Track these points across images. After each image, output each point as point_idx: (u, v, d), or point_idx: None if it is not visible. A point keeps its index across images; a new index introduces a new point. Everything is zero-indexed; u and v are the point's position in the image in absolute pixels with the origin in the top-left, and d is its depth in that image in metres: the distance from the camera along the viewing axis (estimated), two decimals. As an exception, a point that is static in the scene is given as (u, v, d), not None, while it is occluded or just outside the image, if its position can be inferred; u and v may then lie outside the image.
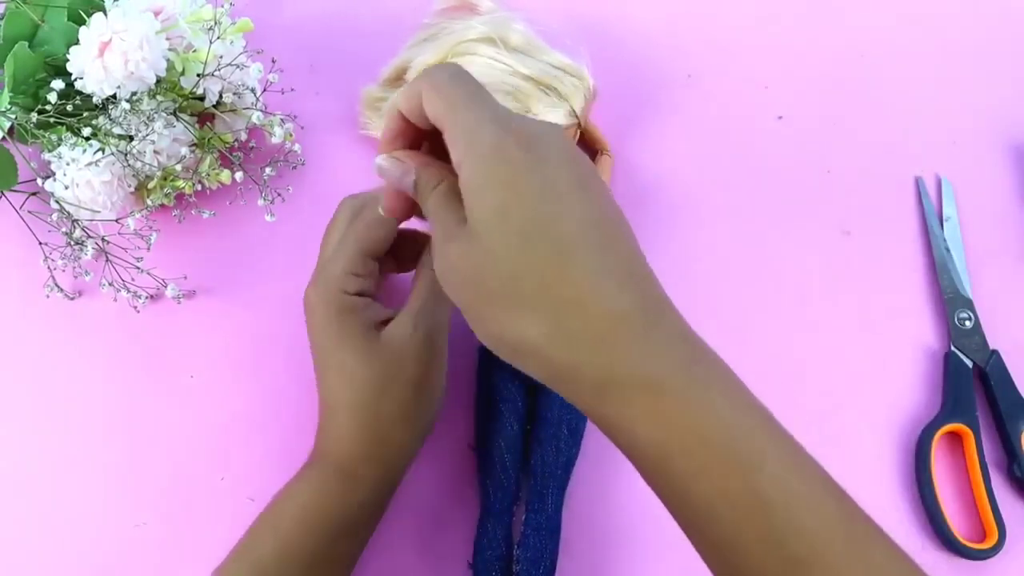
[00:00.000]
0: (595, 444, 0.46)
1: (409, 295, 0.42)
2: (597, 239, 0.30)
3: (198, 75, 0.46)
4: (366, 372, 0.39)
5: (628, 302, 0.29)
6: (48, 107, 0.43)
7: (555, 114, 0.47)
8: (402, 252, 0.44)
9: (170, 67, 0.45)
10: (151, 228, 0.46)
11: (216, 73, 0.46)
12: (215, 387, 0.47)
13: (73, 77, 0.44)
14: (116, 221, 0.46)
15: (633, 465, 0.31)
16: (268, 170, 0.47)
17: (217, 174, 0.48)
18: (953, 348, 0.49)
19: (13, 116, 0.44)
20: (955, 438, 0.48)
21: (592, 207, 0.30)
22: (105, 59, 0.43)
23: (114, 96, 0.44)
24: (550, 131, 0.32)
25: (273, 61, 0.48)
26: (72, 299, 0.48)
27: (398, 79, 0.51)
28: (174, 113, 0.46)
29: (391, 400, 0.39)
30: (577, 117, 0.48)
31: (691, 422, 0.29)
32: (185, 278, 0.48)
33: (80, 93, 0.44)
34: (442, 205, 0.33)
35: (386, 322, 0.40)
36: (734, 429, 0.29)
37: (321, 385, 0.40)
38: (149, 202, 0.47)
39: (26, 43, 0.44)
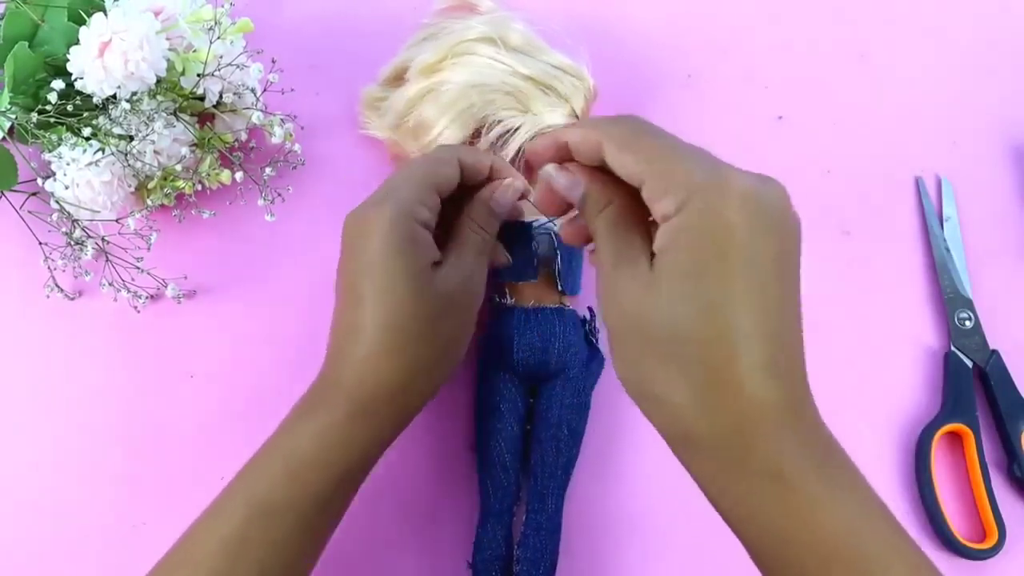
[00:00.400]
0: (595, 445, 0.46)
1: (453, 243, 0.40)
2: (772, 328, 0.30)
3: (198, 75, 0.46)
4: (422, 304, 0.37)
5: (776, 395, 0.29)
6: (48, 107, 0.43)
7: (555, 114, 0.47)
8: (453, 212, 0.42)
9: (170, 67, 0.45)
10: (151, 228, 0.46)
11: (216, 73, 0.46)
12: (215, 387, 0.47)
13: (73, 77, 0.44)
14: (116, 221, 0.46)
15: (743, 545, 0.31)
16: (268, 170, 0.47)
17: (217, 174, 0.48)
18: (953, 348, 0.49)
19: (13, 116, 0.44)
20: (955, 438, 0.48)
21: (786, 292, 0.31)
22: (105, 59, 0.43)
23: (114, 96, 0.44)
24: (774, 194, 0.31)
25: (273, 61, 0.48)
26: (72, 299, 0.48)
27: (398, 78, 0.51)
28: (174, 113, 0.46)
29: (428, 341, 0.38)
30: (577, 117, 0.48)
31: (818, 519, 0.29)
32: (185, 278, 0.48)
33: (80, 93, 0.44)
34: (611, 230, 0.33)
35: (436, 264, 0.39)
36: (861, 534, 0.29)
37: (355, 309, 0.37)
38: (149, 202, 0.47)
39: (26, 43, 0.44)
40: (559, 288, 0.46)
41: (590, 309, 0.47)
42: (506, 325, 0.45)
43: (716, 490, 0.31)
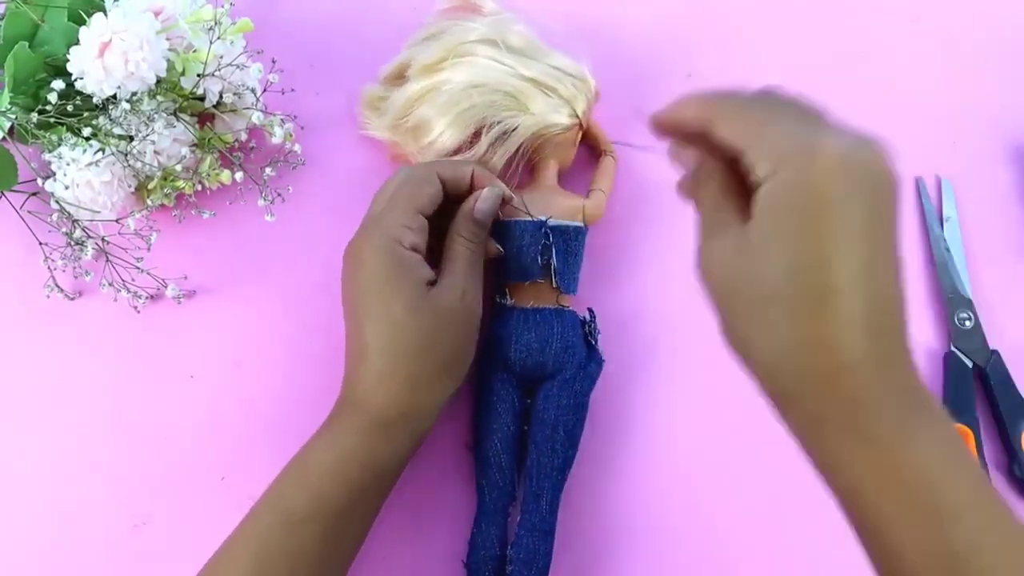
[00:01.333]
0: (592, 447, 0.46)
1: (444, 260, 0.43)
2: (866, 286, 0.30)
3: (198, 75, 0.46)
4: (417, 323, 0.40)
5: (868, 351, 0.30)
6: (48, 107, 0.43)
7: (557, 116, 0.47)
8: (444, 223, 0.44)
9: (170, 67, 0.45)
10: (151, 228, 0.46)
11: (216, 73, 0.46)
12: (215, 387, 0.47)
13: (73, 77, 0.44)
14: (116, 221, 0.46)
15: (832, 495, 0.33)
16: (268, 170, 0.47)
17: (217, 174, 0.48)
18: (953, 348, 0.49)
19: (13, 116, 0.44)
20: (955, 438, 0.48)
21: (877, 251, 0.31)
22: (105, 59, 0.43)
23: (114, 96, 0.44)
24: (866, 157, 0.32)
25: (273, 61, 0.48)
26: (72, 299, 0.48)
27: (399, 78, 0.51)
28: (174, 113, 0.47)
29: (434, 356, 0.40)
30: (579, 119, 0.48)
31: (893, 472, 0.30)
32: (185, 278, 0.48)
33: (80, 93, 0.44)
34: (714, 200, 0.34)
35: (431, 282, 0.41)
36: (935, 482, 0.30)
37: (360, 333, 0.40)
38: (149, 202, 0.47)
39: (26, 43, 0.44)
40: (554, 286, 0.46)
41: (590, 310, 0.47)
42: (504, 325, 0.45)
43: (808, 442, 0.32)
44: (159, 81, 0.45)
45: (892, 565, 0.31)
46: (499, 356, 0.45)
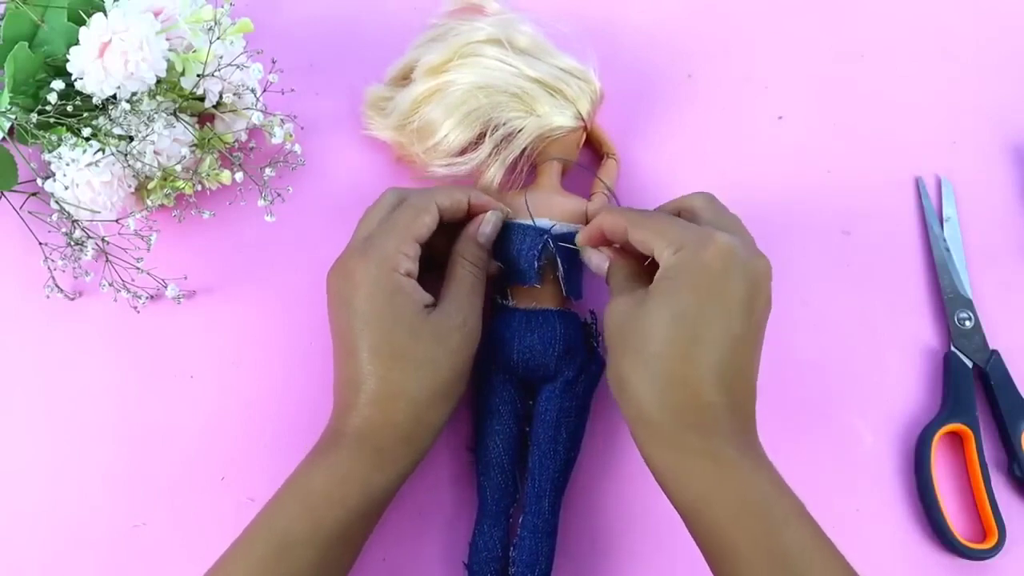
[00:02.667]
0: (593, 448, 0.46)
1: (446, 283, 0.44)
2: (729, 347, 0.37)
3: (198, 75, 0.46)
4: (419, 350, 0.40)
5: (721, 397, 0.37)
6: (48, 107, 0.43)
7: (562, 117, 0.47)
8: (435, 240, 0.44)
9: (170, 67, 0.45)
10: (151, 228, 0.46)
11: (216, 73, 0.46)
12: (215, 387, 0.47)
13: (73, 77, 0.44)
14: (116, 221, 0.46)
15: (676, 509, 0.38)
16: (268, 170, 0.47)
17: (217, 174, 0.48)
18: (953, 348, 0.49)
19: (13, 116, 0.44)
20: (955, 438, 0.48)
21: (745, 326, 0.38)
22: (105, 60, 0.43)
23: (114, 96, 0.44)
24: (751, 253, 0.39)
25: (273, 61, 0.48)
26: (72, 299, 0.48)
27: (404, 78, 0.51)
28: (174, 113, 0.46)
29: (435, 381, 0.40)
30: (583, 120, 0.48)
31: (737, 487, 0.36)
32: (185, 278, 0.49)
33: (80, 93, 0.44)
34: (625, 279, 0.42)
35: (428, 305, 0.41)
36: (770, 499, 0.36)
37: (355, 360, 0.40)
38: (149, 202, 0.47)
39: (26, 43, 0.44)
40: (564, 293, 0.46)
41: (592, 312, 0.47)
42: (506, 326, 0.45)
43: (662, 464, 0.38)
44: (159, 81, 0.45)
45: (729, 564, 0.36)
46: (501, 357, 0.45)
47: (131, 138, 0.45)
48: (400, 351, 0.40)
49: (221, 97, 0.47)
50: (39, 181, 0.46)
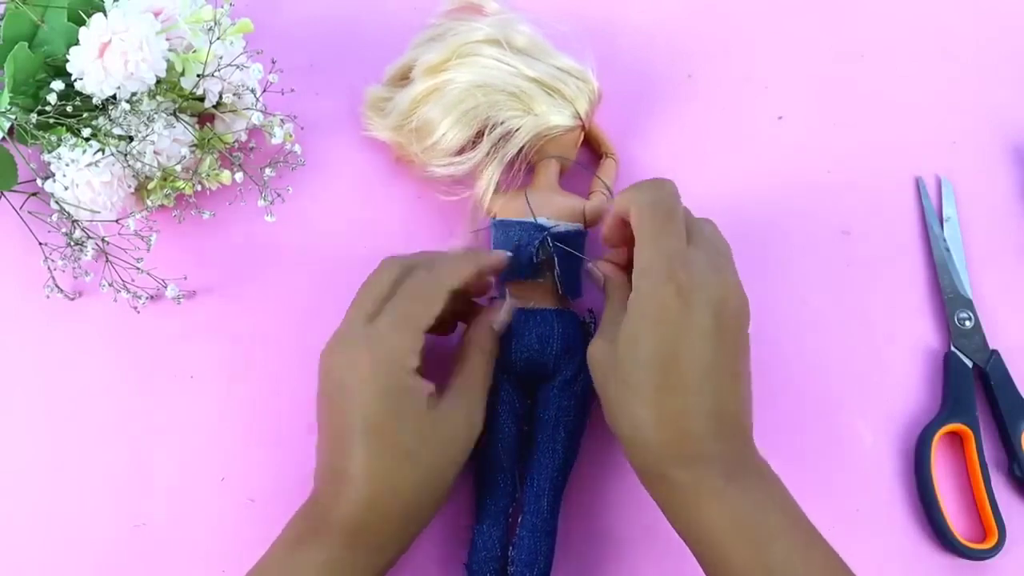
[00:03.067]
0: (593, 447, 0.46)
1: (457, 369, 0.42)
2: (711, 386, 0.38)
3: (198, 75, 0.46)
4: (420, 454, 0.38)
5: (707, 432, 0.38)
6: (48, 108, 0.43)
7: (559, 116, 0.47)
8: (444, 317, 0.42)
9: (170, 68, 0.45)
10: (151, 229, 0.46)
11: (216, 74, 0.46)
12: (215, 387, 0.47)
13: (73, 78, 0.44)
14: (116, 222, 0.46)
15: (674, 527, 0.40)
16: (268, 171, 0.47)
17: (217, 175, 0.48)
18: (953, 348, 0.49)
19: (13, 116, 0.44)
20: (955, 438, 0.48)
21: (720, 357, 0.38)
22: (105, 60, 0.43)
23: (114, 97, 0.44)
24: (712, 284, 0.38)
25: (273, 61, 0.48)
26: (72, 299, 0.48)
27: (403, 79, 0.51)
28: (174, 114, 0.47)
29: (435, 480, 0.39)
30: (581, 119, 0.48)
31: (726, 513, 0.37)
32: (185, 278, 0.49)
33: (80, 94, 0.44)
34: (615, 308, 0.41)
35: (432, 394, 0.40)
36: (759, 516, 0.37)
37: (347, 455, 0.38)
38: (149, 203, 0.47)
39: (26, 43, 0.44)
40: (560, 291, 0.46)
41: (590, 311, 0.47)
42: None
43: (654, 493, 0.40)
44: (159, 81, 0.45)
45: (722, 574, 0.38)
46: (500, 357, 0.45)
47: (131, 138, 0.45)
48: (403, 453, 0.38)
49: (221, 97, 0.47)
50: (39, 181, 0.46)
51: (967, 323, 0.50)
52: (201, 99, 0.48)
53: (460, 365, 0.42)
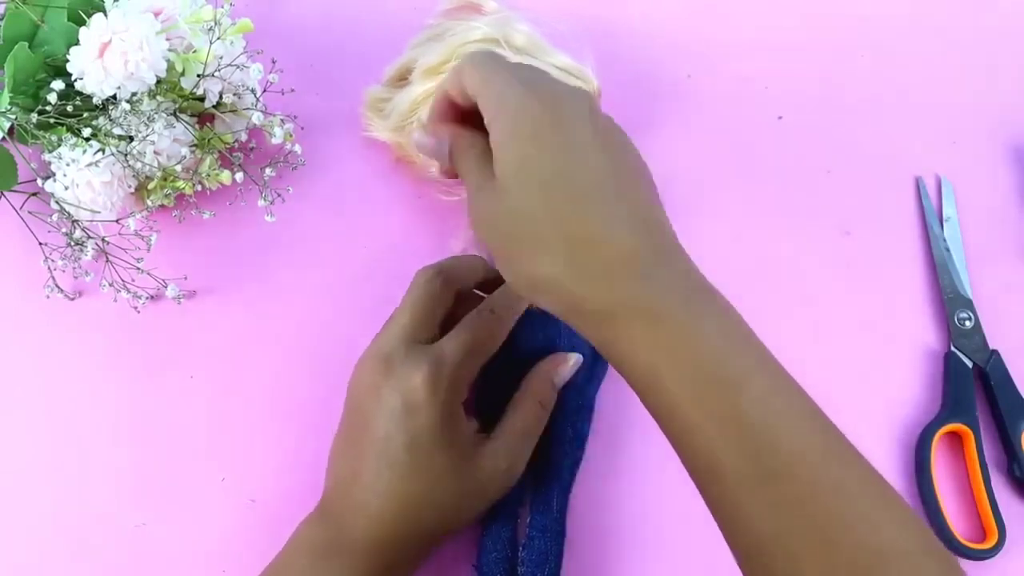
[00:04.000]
0: (601, 446, 0.46)
1: (510, 414, 0.41)
2: (612, 188, 0.33)
3: (198, 75, 0.46)
4: (456, 486, 0.38)
5: (635, 243, 0.32)
6: (48, 107, 0.43)
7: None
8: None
9: (170, 68, 0.45)
10: (151, 229, 0.46)
11: (216, 74, 0.46)
12: (215, 387, 0.47)
13: (73, 78, 0.44)
14: (116, 222, 0.46)
15: (631, 387, 0.34)
16: (268, 171, 0.47)
17: (217, 175, 0.48)
18: (953, 348, 0.49)
19: (13, 116, 0.44)
20: (955, 438, 0.48)
21: (609, 161, 0.34)
22: (105, 60, 0.43)
23: (114, 97, 0.44)
24: (573, 93, 0.35)
25: (273, 61, 0.48)
26: (72, 299, 0.48)
27: (402, 79, 0.51)
28: (174, 114, 0.47)
29: (465, 512, 0.40)
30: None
31: (683, 348, 0.31)
32: (185, 278, 0.49)
33: (80, 94, 0.44)
34: (474, 165, 0.36)
35: (478, 429, 0.40)
36: (722, 355, 0.31)
37: (373, 469, 0.37)
38: (149, 203, 0.47)
39: (26, 43, 0.44)
40: None
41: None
42: (509, 326, 0.45)
43: (607, 348, 0.34)
44: (159, 81, 0.45)
45: (688, 440, 0.32)
46: (506, 357, 0.45)
47: (131, 138, 0.45)
48: (438, 481, 0.37)
49: (221, 97, 0.47)
50: (39, 181, 0.46)
51: (967, 323, 0.50)
52: (201, 99, 0.48)
53: (514, 411, 0.42)
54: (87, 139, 0.45)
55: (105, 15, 0.43)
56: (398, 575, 0.39)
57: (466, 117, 0.38)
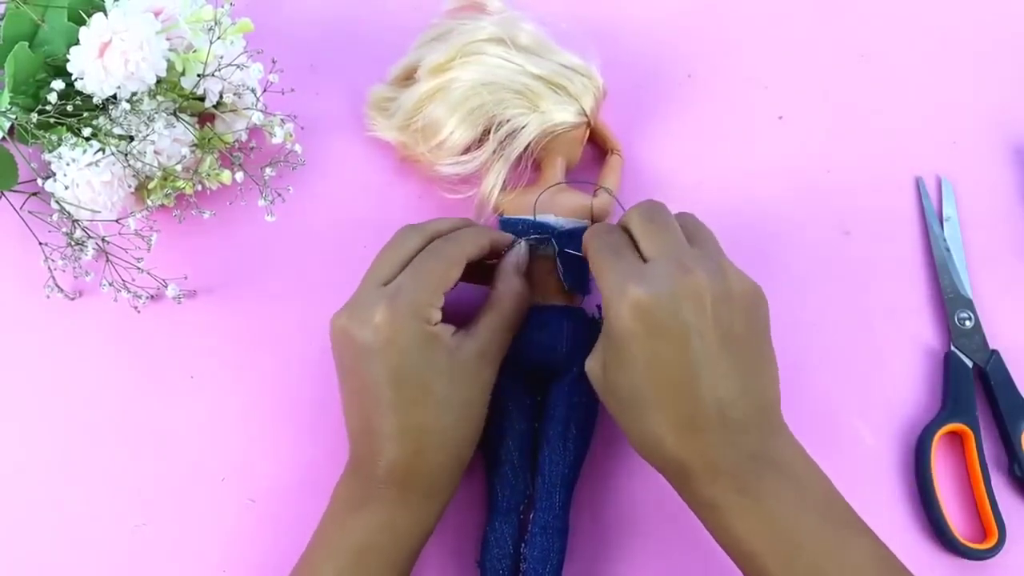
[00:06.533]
0: (603, 443, 0.46)
1: (481, 314, 0.43)
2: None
3: (198, 75, 0.46)
4: (453, 396, 0.40)
5: (727, 448, 0.37)
6: (48, 107, 0.43)
7: (565, 113, 0.47)
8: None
9: (170, 67, 0.45)
10: (151, 228, 0.46)
11: (216, 73, 0.46)
12: (215, 387, 0.47)
13: (73, 77, 0.44)
14: (116, 221, 0.46)
15: (706, 528, 0.39)
16: (268, 170, 0.47)
17: (217, 174, 0.48)
18: (953, 348, 0.49)
19: (13, 116, 0.44)
20: (955, 438, 0.48)
21: (705, 354, 0.37)
22: (105, 59, 0.43)
23: (114, 96, 0.44)
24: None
25: (273, 61, 0.48)
26: (72, 299, 0.48)
27: (407, 78, 0.51)
28: (174, 113, 0.47)
29: (470, 420, 0.41)
30: (587, 116, 0.48)
31: (752, 524, 0.37)
32: (185, 278, 0.48)
33: (80, 93, 0.44)
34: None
35: (455, 334, 0.41)
36: (785, 528, 0.37)
37: (387, 413, 0.39)
38: (149, 202, 0.47)
39: (26, 43, 0.44)
40: (565, 288, 0.46)
41: (599, 307, 0.47)
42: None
43: (694, 499, 0.39)
44: (159, 81, 0.45)
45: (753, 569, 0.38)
46: (510, 354, 0.45)
47: (131, 138, 0.45)
48: (434, 402, 0.39)
49: (221, 97, 0.47)
50: (39, 181, 0.46)
51: (967, 323, 0.50)
52: (201, 99, 0.48)
53: (485, 313, 0.43)
54: (87, 139, 0.45)
55: (105, 15, 0.43)
56: (437, 499, 0.41)
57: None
